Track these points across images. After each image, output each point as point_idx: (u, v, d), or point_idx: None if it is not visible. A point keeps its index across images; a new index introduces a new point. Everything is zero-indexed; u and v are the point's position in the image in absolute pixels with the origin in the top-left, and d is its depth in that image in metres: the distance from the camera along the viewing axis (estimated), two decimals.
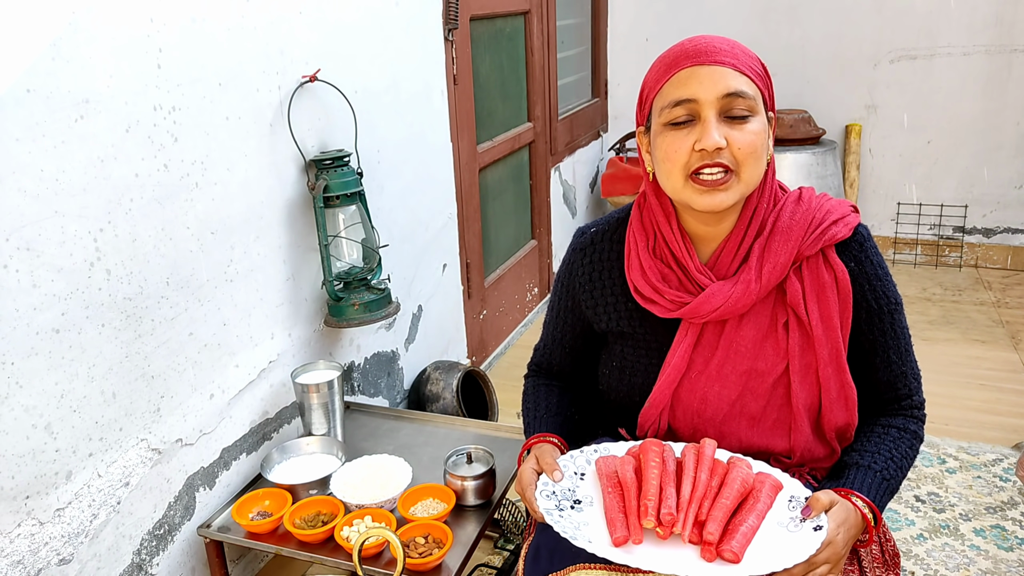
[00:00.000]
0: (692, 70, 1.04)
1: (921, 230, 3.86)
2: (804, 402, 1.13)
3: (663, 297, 1.13)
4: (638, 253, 1.16)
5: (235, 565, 1.69)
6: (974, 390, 2.66)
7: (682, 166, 1.05)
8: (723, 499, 1.01)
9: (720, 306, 1.09)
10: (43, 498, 1.25)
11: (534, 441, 1.24)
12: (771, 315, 1.12)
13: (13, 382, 1.19)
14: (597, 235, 1.24)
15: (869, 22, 3.67)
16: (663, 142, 1.06)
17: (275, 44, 1.65)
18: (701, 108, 1.03)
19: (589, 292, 1.23)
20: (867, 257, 1.13)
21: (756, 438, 1.15)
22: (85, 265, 1.28)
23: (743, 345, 1.12)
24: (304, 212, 1.79)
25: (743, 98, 1.03)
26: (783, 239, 1.09)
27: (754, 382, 1.13)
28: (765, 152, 1.06)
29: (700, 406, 1.15)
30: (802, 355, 1.12)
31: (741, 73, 1.04)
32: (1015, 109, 3.56)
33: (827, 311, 1.11)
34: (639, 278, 1.15)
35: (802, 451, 1.15)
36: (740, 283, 1.09)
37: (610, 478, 1.07)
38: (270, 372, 1.74)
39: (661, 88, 1.07)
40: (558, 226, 3.57)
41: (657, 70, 1.09)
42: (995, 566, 1.84)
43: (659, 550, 0.98)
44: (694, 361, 1.14)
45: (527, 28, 3.03)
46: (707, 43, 1.06)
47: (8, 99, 1.14)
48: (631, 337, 1.20)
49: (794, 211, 1.11)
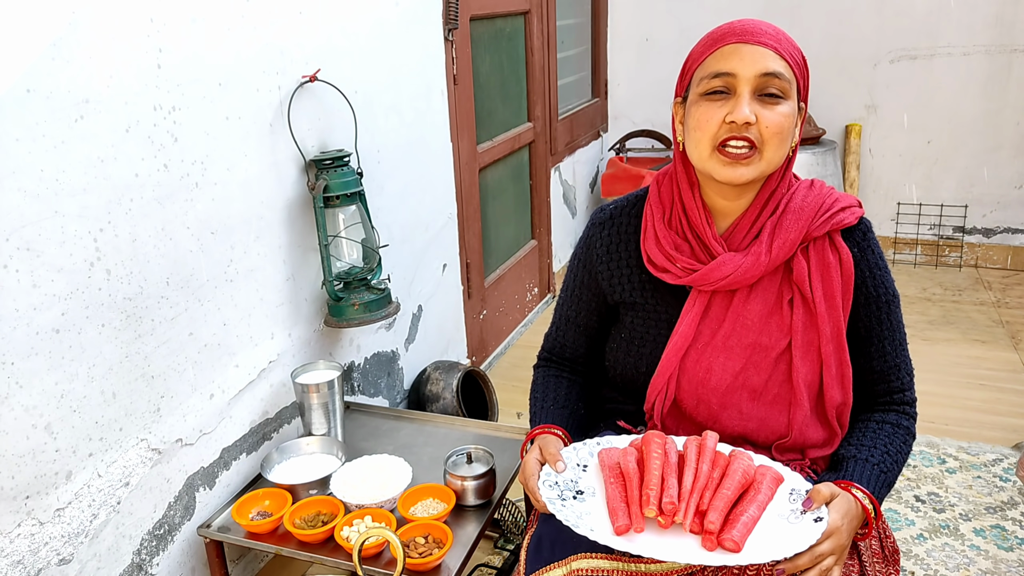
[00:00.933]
0: (735, 47, 1.09)
1: (921, 230, 3.86)
2: (805, 378, 1.16)
3: (675, 265, 1.17)
4: (654, 225, 1.20)
5: (235, 565, 1.69)
6: (974, 390, 2.66)
7: (711, 136, 1.09)
8: (724, 490, 1.02)
9: (730, 274, 1.13)
10: (43, 498, 1.25)
11: (538, 431, 1.26)
12: (777, 291, 1.16)
13: (13, 382, 1.19)
14: (616, 211, 1.29)
15: (869, 22, 3.67)
16: (697, 111, 1.11)
17: (275, 44, 1.65)
18: (738, 83, 1.08)
19: (606, 264, 1.27)
20: (869, 247, 1.19)
21: (756, 411, 1.18)
22: (85, 265, 1.28)
23: (749, 319, 1.16)
24: (304, 212, 1.79)
25: (779, 79, 1.08)
26: (795, 218, 1.14)
27: (758, 356, 1.16)
28: (791, 136, 1.12)
29: (705, 376, 1.18)
30: (805, 332, 1.16)
31: (781, 57, 1.09)
32: (1015, 109, 3.56)
33: (831, 290, 1.15)
34: (653, 247, 1.20)
35: (799, 427, 1.17)
36: (751, 255, 1.14)
37: (612, 469, 1.09)
38: (270, 372, 1.74)
39: (704, 60, 1.12)
40: (558, 226, 3.57)
41: (703, 43, 1.14)
42: (995, 566, 1.84)
43: (660, 539, 0.99)
44: (701, 332, 1.18)
45: (527, 28, 3.03)
46: (755, 25, 1.11)
47: (8, 99, 1.14)
48: (642, 307, 1.24)
49: (806, 195, 1.17)
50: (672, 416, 1.22)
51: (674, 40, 3.95)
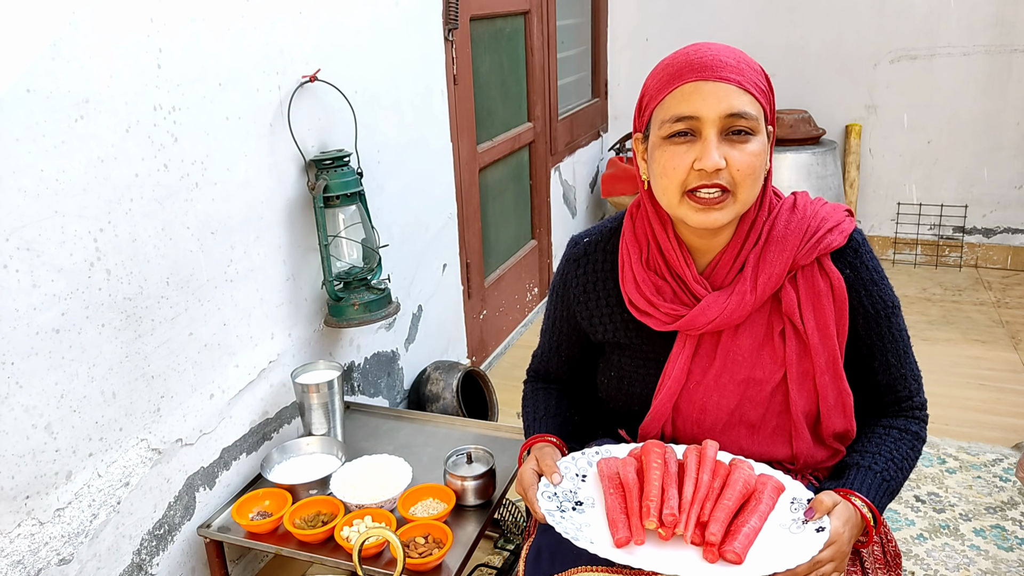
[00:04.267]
0: (696, 85, 1.02)
1: (921, 230, 3.86)
2: (803, 409, 1.13)
3: (658, 310, 1.13)
4: (631, 265, 1.16)
5: (235, 565, 1.69)
6: (974, 390, 2.66)
7: (679, 183, 1.04)
8: (725, 500, 1.01)
9: (716, 318, 1.09)
10: (43, 498, 1.25)
11: (534, 441, 1.24)
12: (767, 324, 1.12)
13: (13, 382, 1.19)
14: (590, 246, 1.23)
15: (869, 22, 3.67)
16: (661, 156, 1.05)
17: (275, 44, 1.65)
18: (703, 126, 1.02)
19: (584, 304, 1.23)
20: (862, 263, 1.13)
21: (756, 446, 1.15)
22: (85, 265, 1.28)
23: (740, 354, 1.12)
24: (304, 212, 1.79)
25: (745, 118, 1.02)
26: (778, 249, 1.09)
27: (752, 390, 1.13)
28: (763, 172, 1.06)
29: (699, 416, 1.15)
30: (799, 363, 1.12)
31: (745, 91, 1.02)
32: (1015, 109, 3.56)
33: (823, 319, 1.11)
34: (633, 291, 1.15)
35: (805, 457, 1.15)
36: (735, 294, 1.09)
37: (612, 479, 1.07)
38: (270, 372, 1.74)
39: (663, 100, 1.05)
40: (558, 226, 3.57)
41: (660, 79, 1.07)
42: (995, 566, 1.84)
43: (661, 551, 0.98)
44: (692, 371, 1.14)
45: (527, 28, 3.03)
46: (713, 56, 1.03)
47: (8, 99, 1.14)
48: (628, 348, 1.20)
49: (789, 219, 1.11)
50: None
51: (674, 40, 3.91)
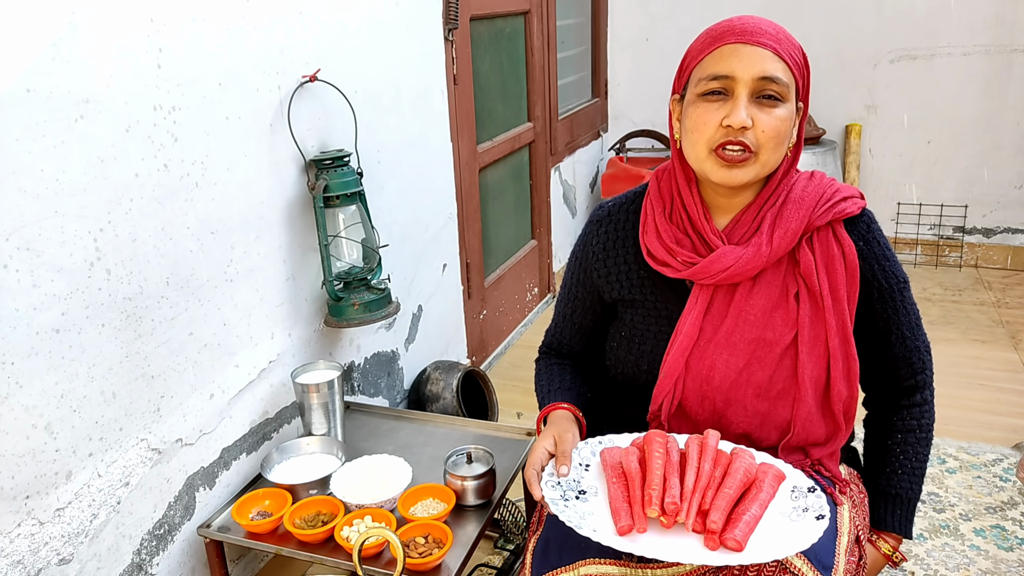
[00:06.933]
0: (734, 47, 1.08)
1: (921, 230, 3.86)
2: (810, 374, 1.15)
3: (675, 258, 1.16)
4: (655, 219, 1.20)
5: (235, 565, 1.69)
6: (974, 390, 2.66)
7: (708, 138, 1.09)
8: (726, 488, 1.02)
9: (730, 266, 1.12)
10: (43, 498, 1.25)
11: (550, 410, 1.26)
12: (782, 285, 1.15)
13: (13, 382, 1.19)
14: (614, 207, 1.29)
15: (869, 22, 3.67)
16: (694, 112, 1.10)
17: (275, 44, 1.65)
18: (735, 85, 1.07)
19: (603, 261, 1.27)
20: (874, 237, 1.18)
21: (761, 407, 1.17)
22: (85, 265, 1.28)
23: (752, 314, 1.15)
24: (304, 212, 1.79)
25: (776, 83, 1.07)
26: (795, 208, 1.14)
27: (762, 351, 1.15)
28: (787, 139, 1.11)
29: (708, 373, 1.17)
30: (812, 326, 1.15)
31: (780, 59, 1.08)
32: (1015, 109, 3.56)
33: (835, 283, 1.15)
34: (653, 241, 1.19)
35: (803, 423, 1.16)
36: (751, 246, 1.13)
37: (614, 468, 1.09)
38: (270, 372, 1.74)
39: (702, 60, 1.11)
40: (558, 226, 3.57)
41: (702, 41, 1.13)
42: (995, 566, 1.84)
43: (663, 539, 1.00)
44: (703, 329, 1.17)
45: (527, 28, 3.03)
46: (755, 24, 1.09)
47: (8, 99, 1.14)
48: (641, 304, 1.24)
49: (806, 186, 1.17)
50: (676, 418, 1.21)
51: (674, 40, 3.94)
